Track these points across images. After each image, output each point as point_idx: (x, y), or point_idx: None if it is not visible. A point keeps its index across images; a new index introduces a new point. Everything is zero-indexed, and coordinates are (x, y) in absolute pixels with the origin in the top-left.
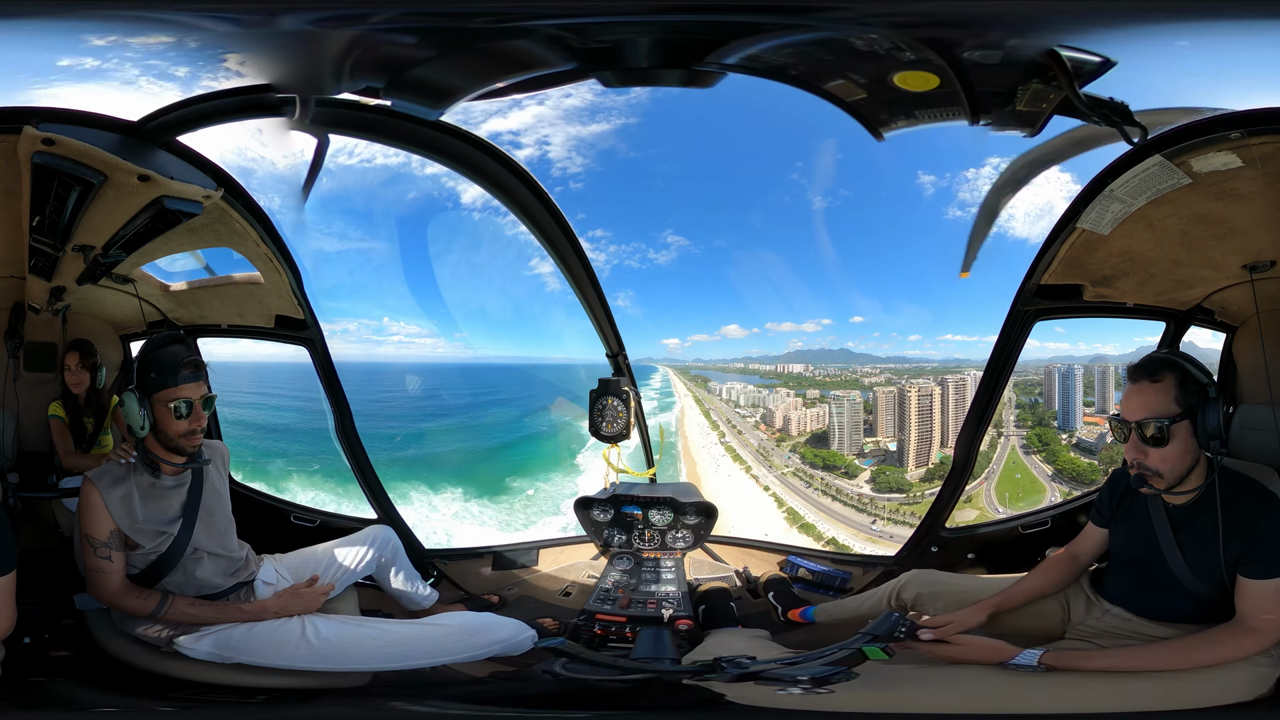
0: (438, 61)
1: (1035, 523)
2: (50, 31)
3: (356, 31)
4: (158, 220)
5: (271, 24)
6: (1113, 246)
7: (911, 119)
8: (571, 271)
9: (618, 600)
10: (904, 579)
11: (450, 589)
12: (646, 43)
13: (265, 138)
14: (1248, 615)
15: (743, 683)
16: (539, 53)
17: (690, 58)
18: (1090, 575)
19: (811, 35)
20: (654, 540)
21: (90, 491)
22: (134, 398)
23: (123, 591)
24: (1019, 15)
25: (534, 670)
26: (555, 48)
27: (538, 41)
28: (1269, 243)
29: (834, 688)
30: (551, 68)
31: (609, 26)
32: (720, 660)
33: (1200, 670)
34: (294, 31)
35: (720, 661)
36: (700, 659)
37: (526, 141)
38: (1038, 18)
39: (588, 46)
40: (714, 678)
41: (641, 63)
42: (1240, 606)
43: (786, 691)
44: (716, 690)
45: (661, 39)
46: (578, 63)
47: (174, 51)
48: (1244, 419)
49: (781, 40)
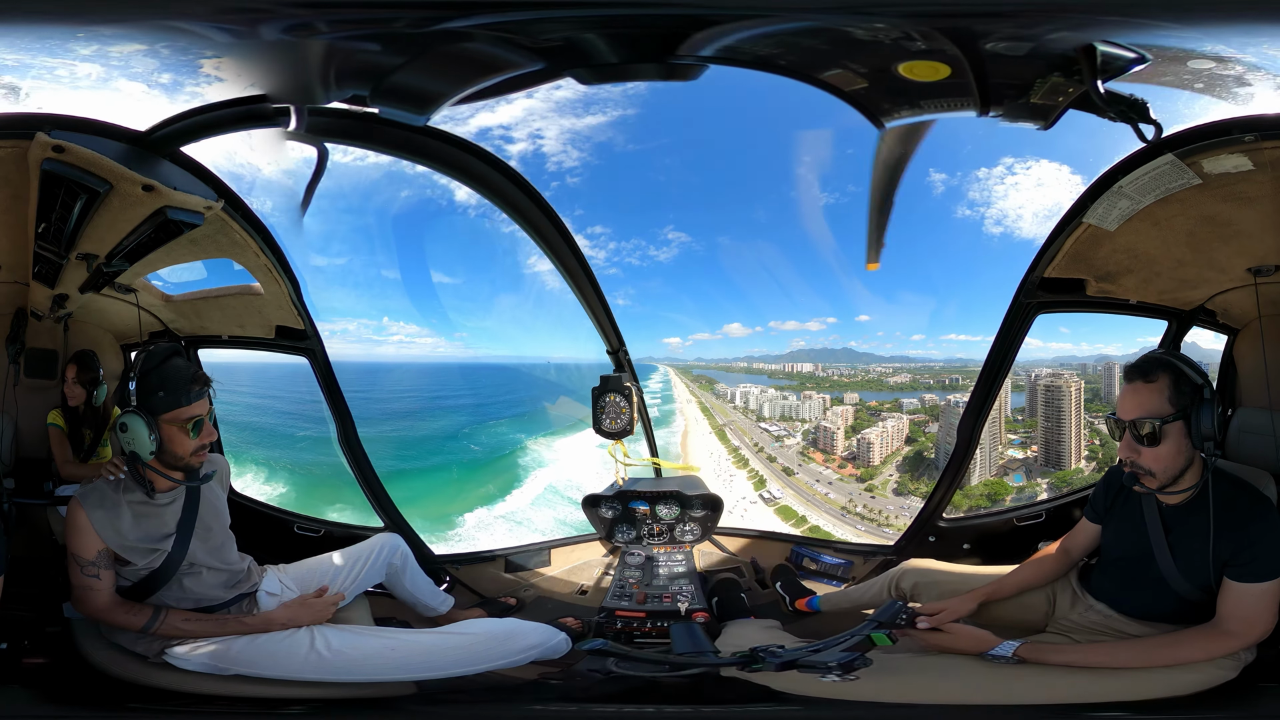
0: (416, 68)
1: (1029, 516)
2: (46, 37)
3: (334, 39)
4: (160, 230)
5: (264, 33)
6: (1118, 243)
7: (916, 109)
8: (568, 269)
9: (634, 596)
10: (902, 569)
11: (464, 594)
12: (624, 36)
13: (263, 148)
14: (1224, 618)
15: (786, 671)
16: (508, 53)
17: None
18: (1079, 571)
19: (812, 23)
20: (662, 534)
21: (76, 512)
22: (139, 419)
23: (111, 607)
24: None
25: (582, 669)
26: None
27: (498, 43)
28: (1274, 247)
29: (859, 674)
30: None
31: (587, 22)
32: (758, 650)
33: (1169, 668)
34: (288, 41)
35: (759, 652)
36: (736, 650)
37: (519, 136)
38: (1075, 10)
39: (565, 41)
40: (760, 668)
41: (616, 57)
42: (1221, 608)
43: (826, 678)
44: (760, 682)
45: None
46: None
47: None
48: (1243, 422)
49: (774, 29)
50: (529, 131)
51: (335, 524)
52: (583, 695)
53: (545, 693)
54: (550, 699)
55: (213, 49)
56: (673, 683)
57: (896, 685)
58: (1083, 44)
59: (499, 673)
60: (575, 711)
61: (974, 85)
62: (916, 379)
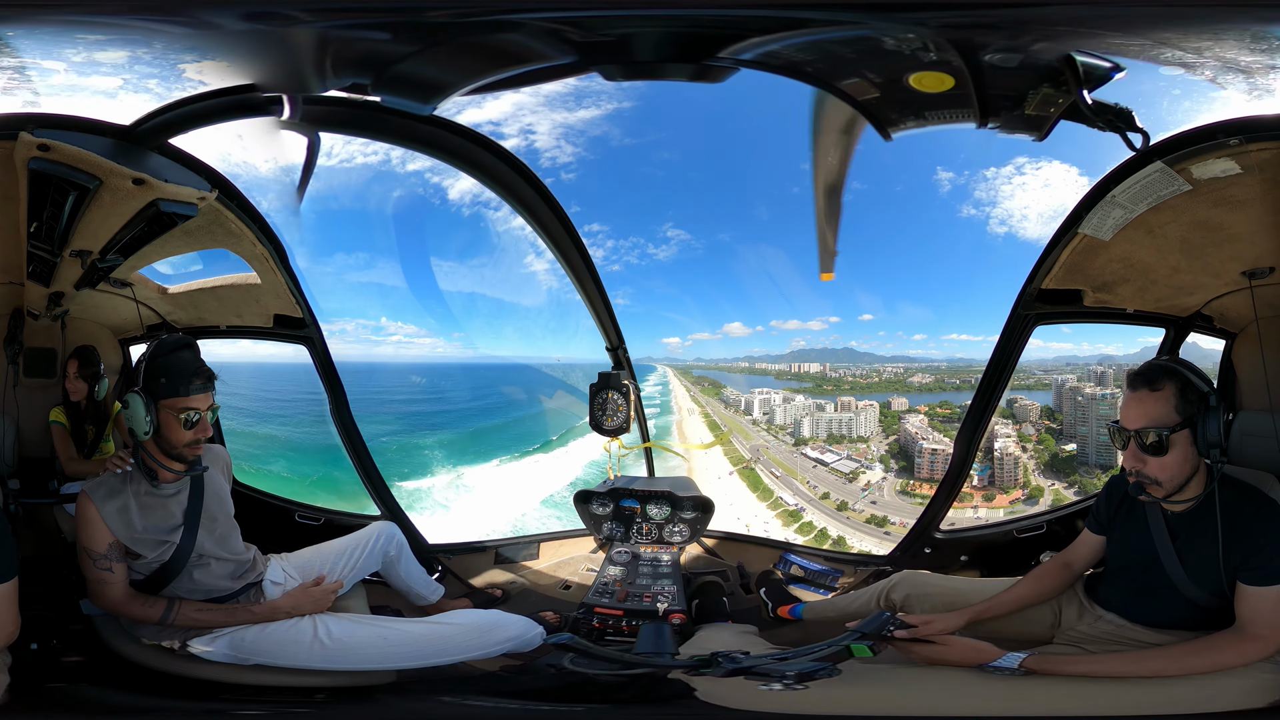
0: (429, 57)
1: (1030, 527)
2: (38, 37)
3: (348, 27)
4: (153, 223)
5: (257, 22)
6: (1114, 252)
7: (921, 120)
8: (570, 264)
9: (615, 594)
10: (894, 579)
11: (454, 584)
12: (655, 36)
13: (255, 138)
14: (1248, 622)
15: (729, 679)
16: (542, 45)
17: (702, 52)
18: (1084, 581)
19: (839, 34)
20: (651, 534)
21: (86, 505)
22: (140, 400)
23: (126, 600)
24: (1047, 19)
25: (541, 665)
26: (558, 40)
27: (539, 34)
28: (1268, 249)
29: (814, 684)
30: (553, 60)
31: (614, 20)
32: (717, 655)
33: (1198, 676)
34: (281, 30)
35: (717, 656)
36: (695, 653)
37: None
38: (1063, 22)
39: (591, 39)
40: (709, 672)
41: (649, 56)
42: (1240, 613)
43: (768, 688)
44: (690, 685)
45: (672, 33)
46: (580, 56)
47: (158, 54)
48: (1244, 425)
49: (803, 38)
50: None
51: (335, 512)
52: (531, 690)
53: (499, 685)
54: (502, 694)
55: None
56: (616, 681)
57: (888, 697)
58: (1062, 54)
59: (471, 663)
60: (516, 709)
61: (974, 97)
62: (940, 380)
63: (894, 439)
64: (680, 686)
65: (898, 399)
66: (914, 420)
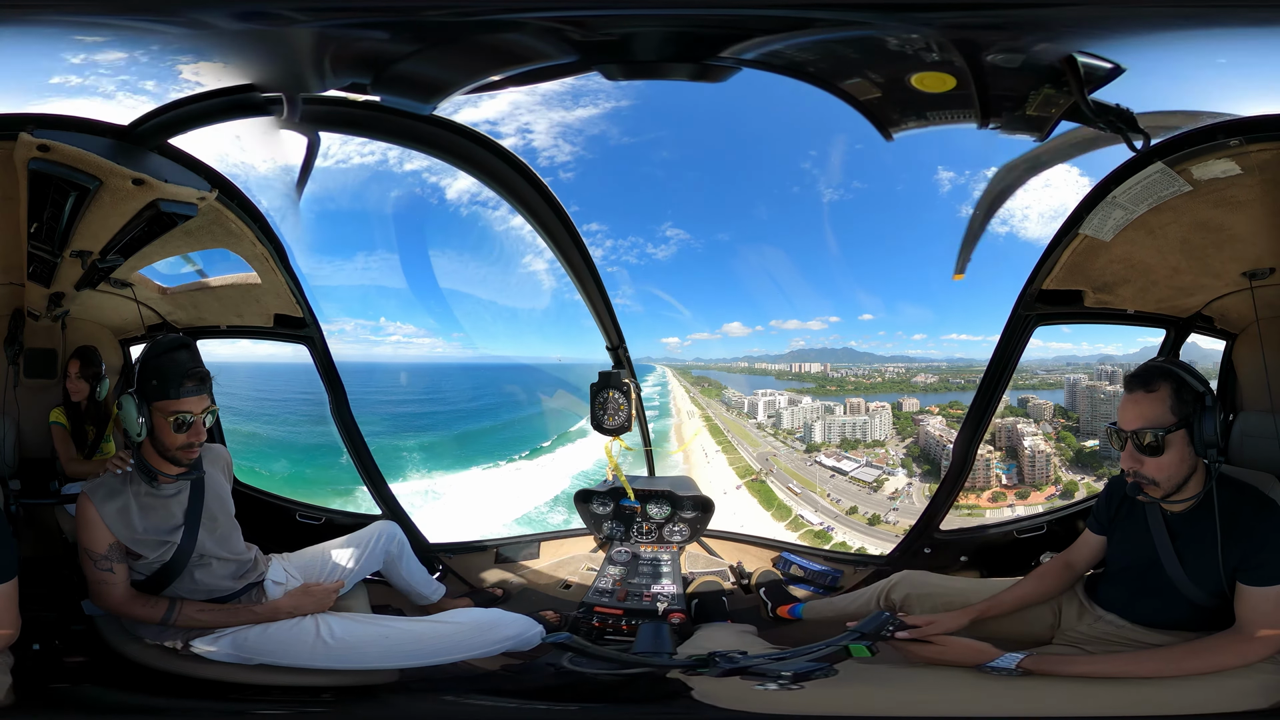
0: (429, 56)
1: (1031, 527)
2: (36, 38)
3: (347, 26)
4: (154, 224)
5: (257, 22)
6: (1114, 253)
7: (923, 120)
8: (570, 263)
9: (615, 594)
10: (894, 579)
11: (455, 583)
12: (656, 35)
13: (255, 138)
14: (1248, 622)
15: (725, 678)
16: (542, 45)
17: (703, 52)
18: (1084, 581)
19: (841, 34)
20: (651, 534)
21: (86, 506)
22: (133, 402)
23: (128, 601)
24: (1049, 20)
25: (540, 664)
26: (558, 40)
27: (539, 34)
28: (1268, 250)
29: (812, 684)
30: (553, 60)
31: (615, 19)
32: (714, 655)
33: (1198, 677)
34: (281, 30)
35: (714, 656)
36: (693, 653)
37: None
38: (1064, 23)
39: (592, 39)
40: (706, 672)
41: (650, 56)
42: (1240, 614)
43: (765, 688)
44: (687, 684)
45: (673, 32)
46: (580, 55)
47: (157, 54)
48: (1244, 426)
49: (805, 38)
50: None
51: (336, 512)
52: (530, 690)
53: (499, 684)
54: (502, 693)
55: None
56: (613, 681)
57: (886, 697)
58: (1063, 54)
59: (471, 662)
60: (514, 709)
61: (976, 97)
62: (945, 380)
63: (911, 441)
64: (677, 686)
65: (908, 400)
66: (933, 422)
